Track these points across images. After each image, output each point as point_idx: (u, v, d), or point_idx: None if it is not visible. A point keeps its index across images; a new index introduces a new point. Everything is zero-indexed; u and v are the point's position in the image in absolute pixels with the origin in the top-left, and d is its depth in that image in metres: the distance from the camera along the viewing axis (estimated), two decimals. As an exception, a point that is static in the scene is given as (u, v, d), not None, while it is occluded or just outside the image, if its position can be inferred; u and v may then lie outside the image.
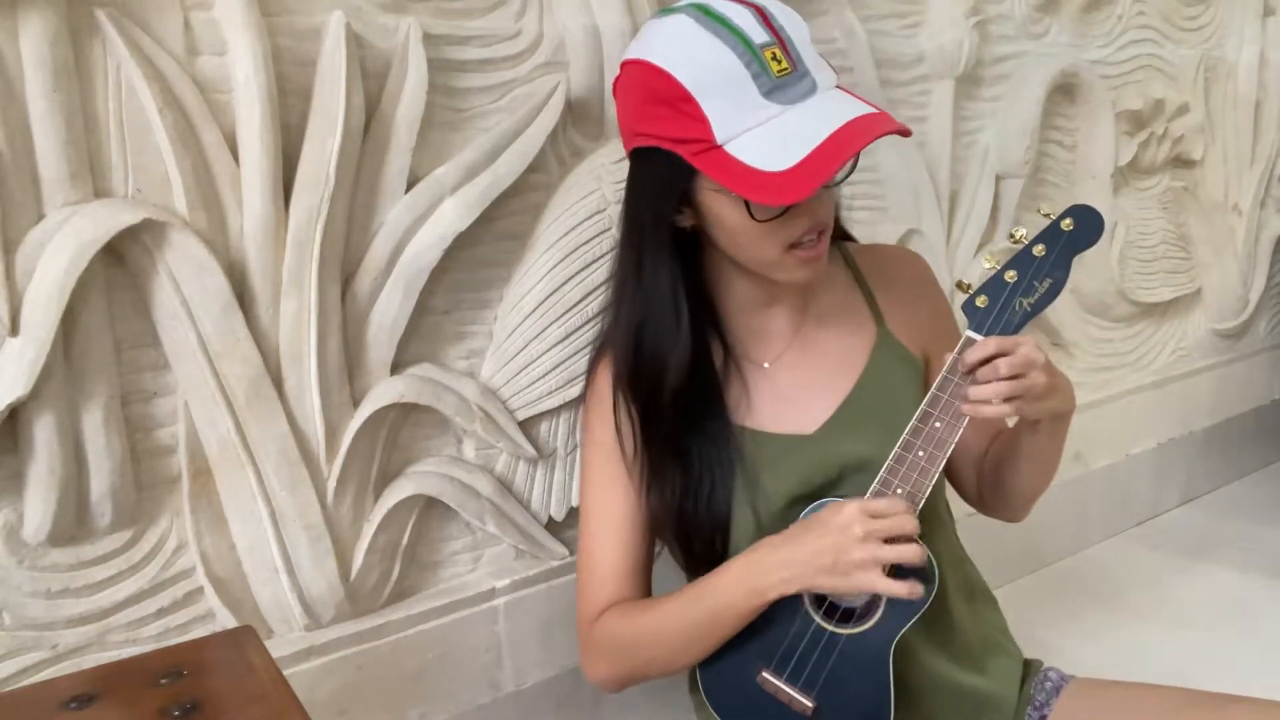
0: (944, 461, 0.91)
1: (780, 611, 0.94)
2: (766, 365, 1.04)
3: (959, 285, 0.97)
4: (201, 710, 0.72)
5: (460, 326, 1.14)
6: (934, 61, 1.52)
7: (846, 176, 0.91)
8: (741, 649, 0.96)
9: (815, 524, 0.91)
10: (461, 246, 1.09)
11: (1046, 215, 0.96)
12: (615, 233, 1.10)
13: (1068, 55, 1.71)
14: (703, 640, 0.97)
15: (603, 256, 1.18)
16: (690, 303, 0.98)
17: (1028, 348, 0.89)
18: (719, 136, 0.87)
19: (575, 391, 1.19)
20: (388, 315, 1.06)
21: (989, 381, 0.88)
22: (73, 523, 0.91)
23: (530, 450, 1.19)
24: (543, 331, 1.16)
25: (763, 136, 0.86)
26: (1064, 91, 1.73)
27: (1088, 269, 1.84)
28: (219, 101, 0.94)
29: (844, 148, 0.84)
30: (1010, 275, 0.94)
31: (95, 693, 0.75)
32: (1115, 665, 1.40)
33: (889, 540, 0.87)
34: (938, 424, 0.92)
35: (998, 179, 1.65)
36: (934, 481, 0.91)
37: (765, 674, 0.95)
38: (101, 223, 0.87)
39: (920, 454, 0.91)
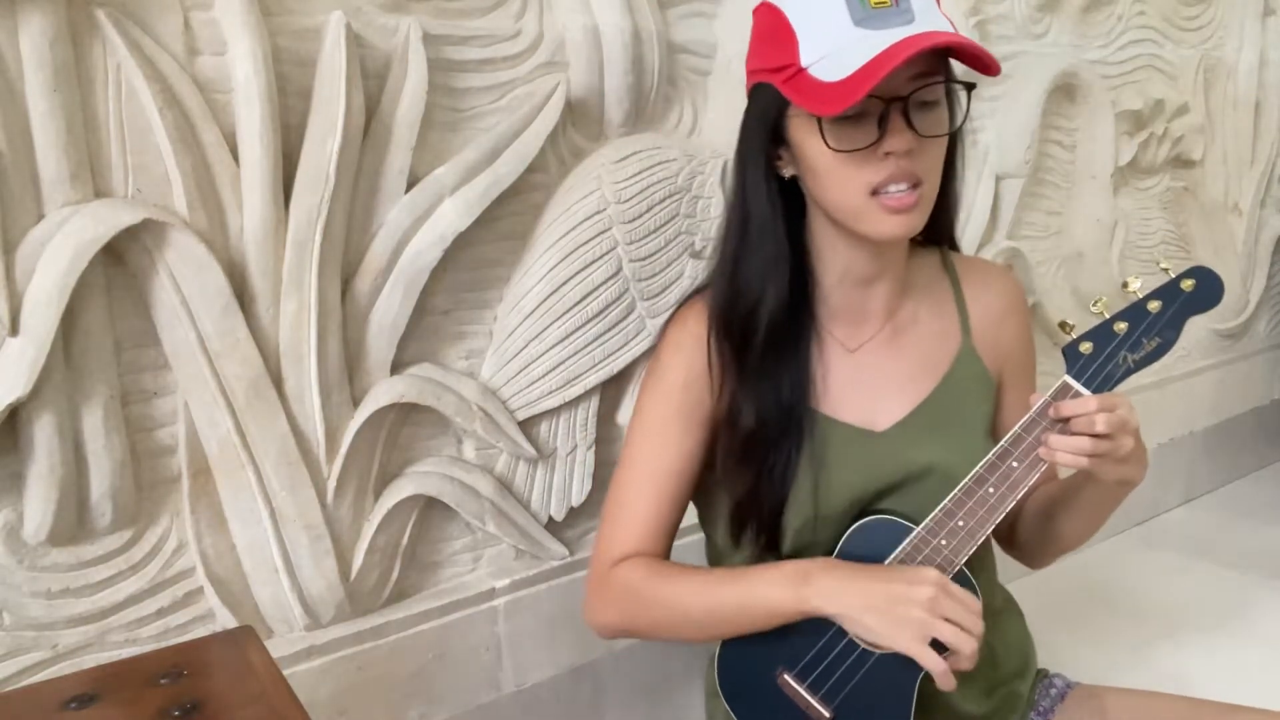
0: (1013, 504, 0.89)
1: (815, 619, 0.92)
2: (852, 350, 1.02)
3: (1061, 325, 0.93)
4: (201, 710, 0.72)
5: (460, 326, 1.14)
6: (934, 61, 1.52)
7: (953, 130, 0.89)
8: (767, 647, 0.95)
9: (889, 569, 0.89)
10: (461, 246, 1.09)
11: (1166, 270, 0.92)
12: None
13: (1068, 55, 1.71)
14: (722, 625, 0.95)
15: (603, 256, 1.18)
16: (790, 250, 0.96)
17: (1126, 410, 0.86)
18: (804, 60, 0.87)
19: (576, 391, 1.19)
20: (388, 315, 1.06)
21: (1080, 435, 0.86)
22: (73, 523, 0.91)
23: (530, 450, 1.19)
24: (543, 331, 1.16)
25: (837, 57, 0.85)
26: (1064, 91, 1.73)
27: (1088, 269, 1.84)
28: (219, 101, 0.94)
29: (897, 54, 0.81)
30: (1120, 326, 0.90)
31: (95, 693, 0.75)
32: (1114, 665, 1.40)
33: (948, 620, 0.85)
34: (1015, 464, 0.89)
35: (998, 179, 1.65)
36: (998, 521, 0.89)
37: (787, 676, 0.94)
38: (101, 223, 0.87)
39: (990, 490, 0.89)
